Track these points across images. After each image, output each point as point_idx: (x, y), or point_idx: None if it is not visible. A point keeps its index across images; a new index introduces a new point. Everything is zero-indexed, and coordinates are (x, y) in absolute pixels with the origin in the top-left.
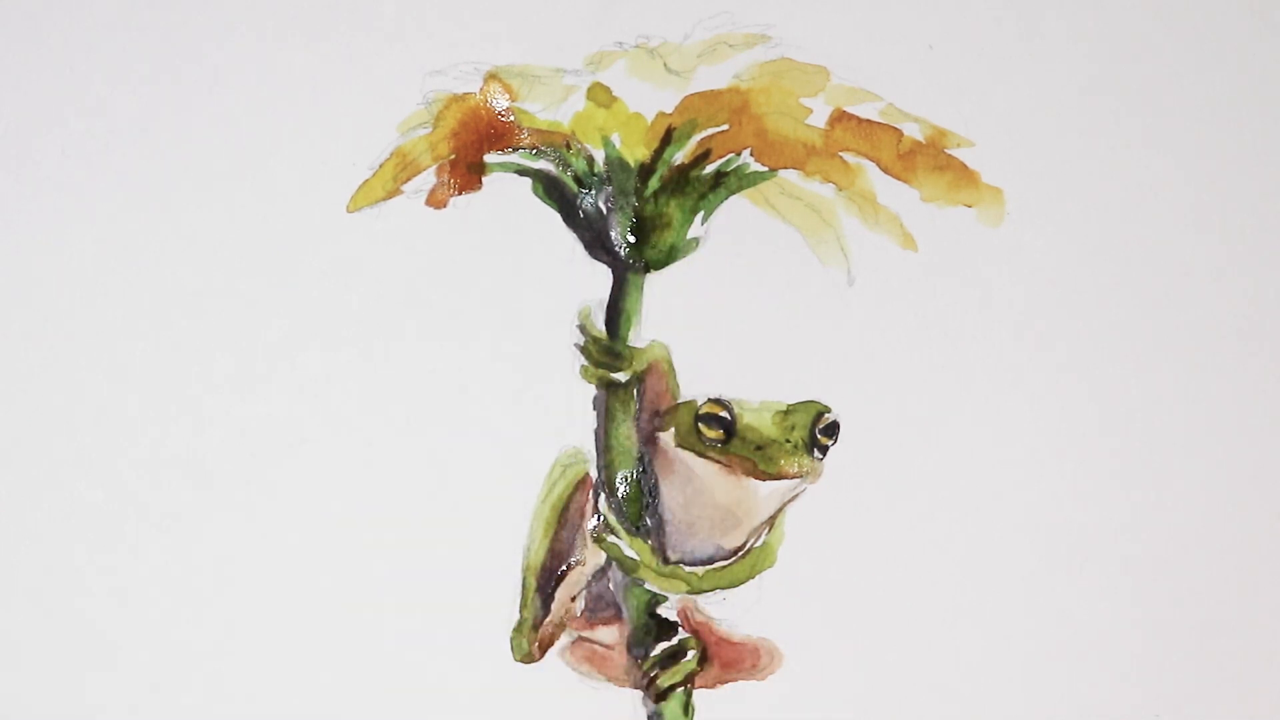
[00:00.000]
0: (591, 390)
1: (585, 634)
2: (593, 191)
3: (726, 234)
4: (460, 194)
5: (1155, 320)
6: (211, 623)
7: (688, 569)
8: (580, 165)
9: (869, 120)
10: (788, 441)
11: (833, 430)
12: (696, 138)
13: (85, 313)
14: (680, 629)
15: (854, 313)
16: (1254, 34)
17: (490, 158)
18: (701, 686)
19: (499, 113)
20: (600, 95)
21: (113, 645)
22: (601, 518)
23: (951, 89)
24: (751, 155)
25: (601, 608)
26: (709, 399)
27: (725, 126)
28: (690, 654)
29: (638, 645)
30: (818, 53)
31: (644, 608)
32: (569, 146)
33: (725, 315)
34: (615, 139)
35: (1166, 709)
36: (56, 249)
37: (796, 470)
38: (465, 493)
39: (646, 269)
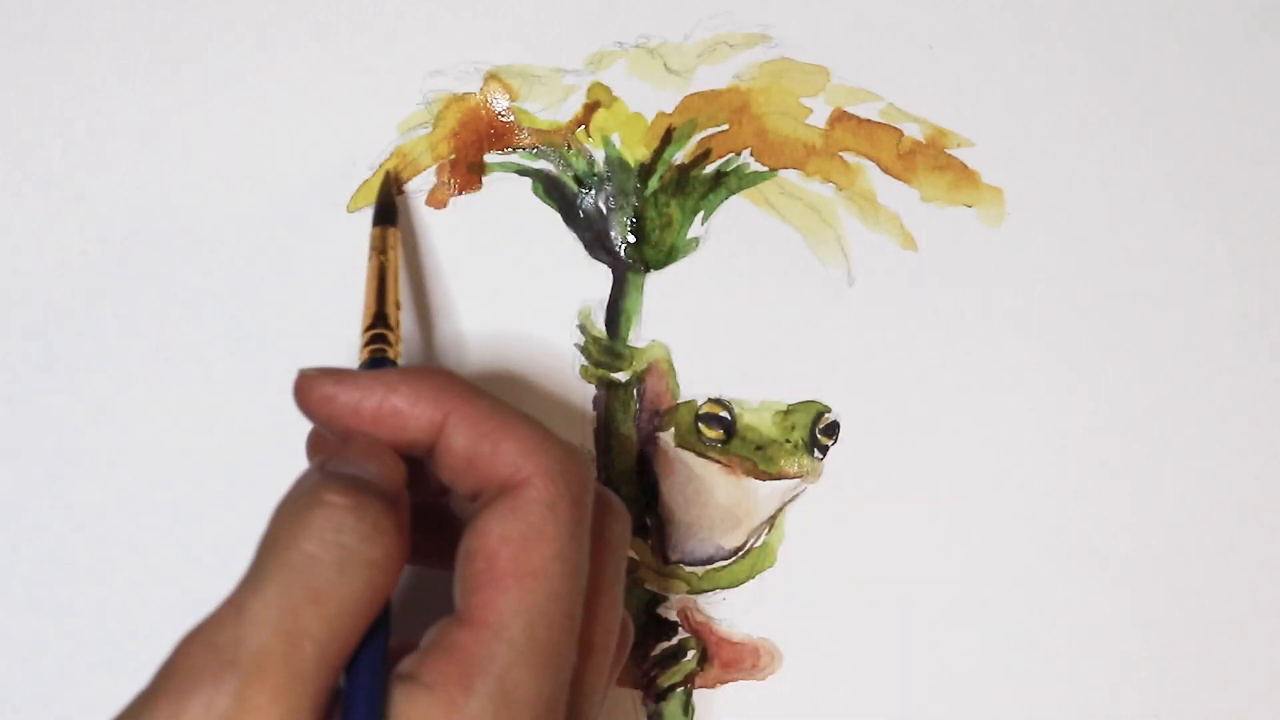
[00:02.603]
0: (591, 390)
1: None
2: (593, 191)
3: (726, 234)
4: (460, 194)
5: (1156, 320)
6: None
7: (688, 569)
8: (580, 165)
9: (869, 120)
10: (788, 441)
11: (833, 430)
12: (696, 138)
13: (85, 313)
14: (680, 629)
15: (854, 313)
16: (1254, 34)
17: (490, 158)
18: (701, 686)
19: (499, 113)
20: (600, 95)
21: (113, 645)
22: None
23: (951, 89)
24: (751, 155)
25: None
26: (709, 399)
27: (725, 126)
28: (690, 654)
29: (638, 645)
30: (818, 53)
31: (644, 608)
32: (569, 146)
33: (725, 315)
34: (615, 139)
35: (1167, 709)
36: (57, 249)
37: (796, 470)
38: None
39: (646, 269)
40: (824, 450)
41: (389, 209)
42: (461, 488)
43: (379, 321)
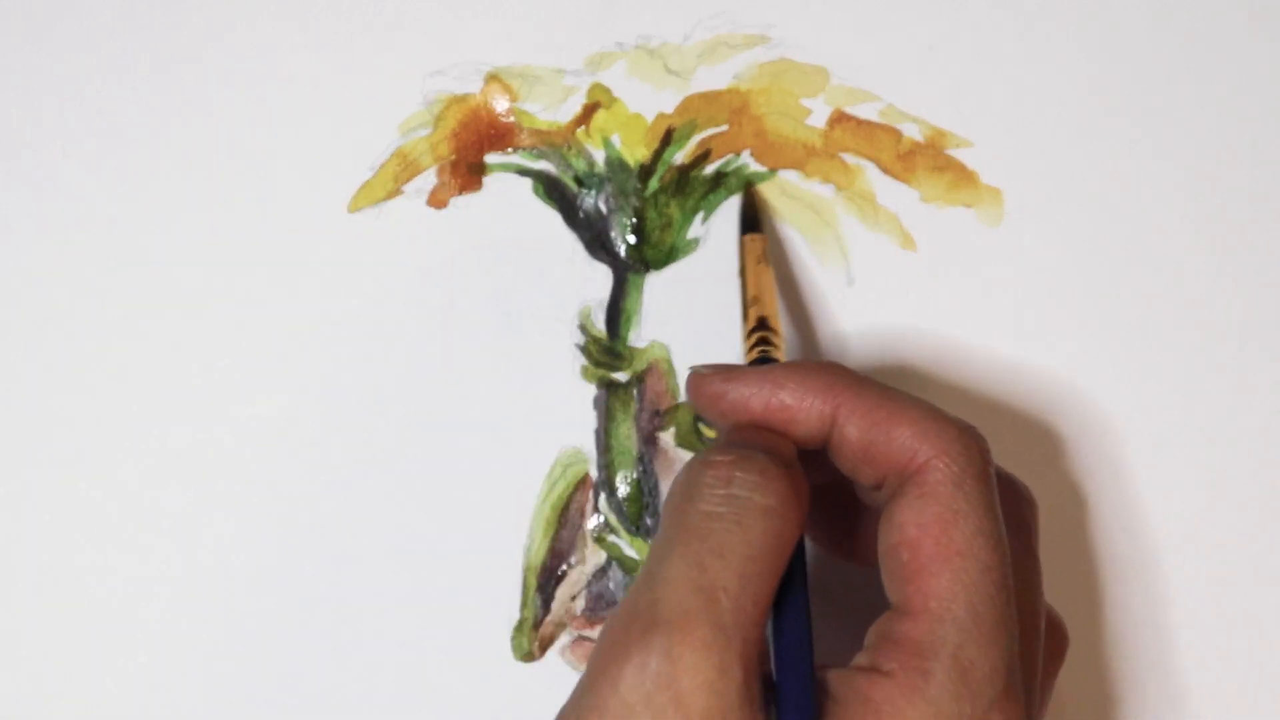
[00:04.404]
0: (591, 390)
1: (585, 634)
2: (593, 192)
3: (726, 234)
4: (460, 194)
5: (1155, 320)
6: (210, 622)
7: None
8: (580, 166)
9: (869, 120)
10: None
11: None
12: (696, 138)
13: (85, 313)
14: None
15: (854, 313)
16: (1254, 34)
17: (491, 158)
18: None
19: (499, 113)
20: (600, 96)
21: (113, 645)
22: (602, 518)
23: (951, 89)
24: (751, 156)
25: (601, 608)
26: None
27: (725, 127)
28: None
29: None
30: (817, 53)
31: None
32: (569, 147)
33: (725, 315)
34: (615, 139)
35: (1166, 709)
36: (57, 249)
37: None
38: (465, 493)
39: (646, 269)
40: None
41: (754, 217)
42: (863, 478)
43: (762, 324)
